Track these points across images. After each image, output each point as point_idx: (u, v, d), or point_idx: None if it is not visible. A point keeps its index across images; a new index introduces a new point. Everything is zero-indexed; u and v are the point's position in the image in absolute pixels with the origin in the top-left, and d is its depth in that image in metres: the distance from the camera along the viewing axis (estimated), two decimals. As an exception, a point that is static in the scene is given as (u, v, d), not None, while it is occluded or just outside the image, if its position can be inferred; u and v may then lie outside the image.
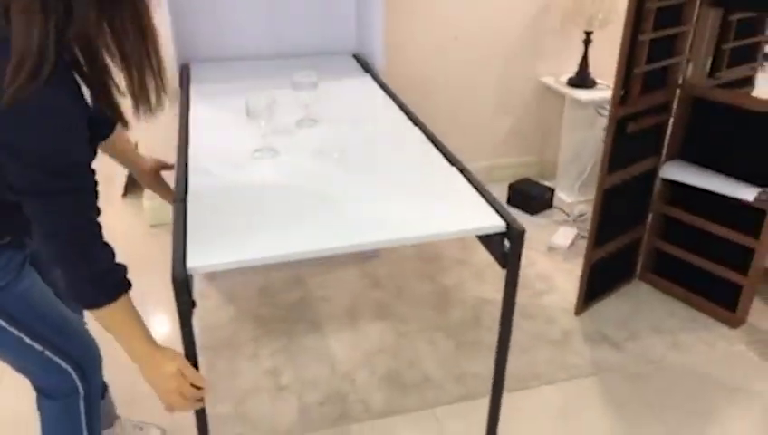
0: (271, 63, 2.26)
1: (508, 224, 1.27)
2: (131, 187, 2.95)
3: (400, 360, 2.01)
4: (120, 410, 1.70)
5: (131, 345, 1.14)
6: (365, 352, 2.04)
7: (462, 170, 1.47)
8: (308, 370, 1.96)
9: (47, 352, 1.25)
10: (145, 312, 2.39)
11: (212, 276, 2.37)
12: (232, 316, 2.20)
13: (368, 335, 2.12)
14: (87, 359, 1.34)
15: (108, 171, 1.35)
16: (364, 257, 2.52)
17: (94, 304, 1.08)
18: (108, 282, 1.09)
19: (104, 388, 1.56)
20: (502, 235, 1.28)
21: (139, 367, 1.16)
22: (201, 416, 1.27)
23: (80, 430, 1.36)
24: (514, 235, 1.25)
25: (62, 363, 1.28)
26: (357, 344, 2.08)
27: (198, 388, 1.17)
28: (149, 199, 2.72)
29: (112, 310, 1.09)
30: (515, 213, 2.82)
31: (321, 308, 2.25)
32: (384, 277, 2.42)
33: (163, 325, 2.19)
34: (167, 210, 2.68)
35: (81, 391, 1.33)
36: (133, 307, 1.14)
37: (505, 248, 1.28)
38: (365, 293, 2.33)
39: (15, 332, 1.20)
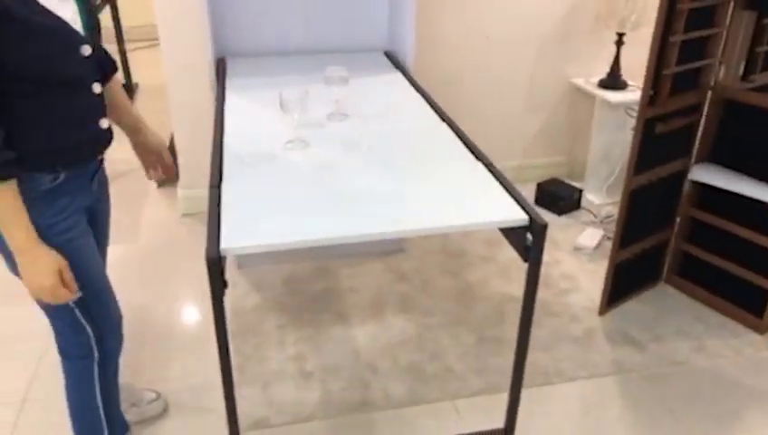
0: (304, 59, 2.32)
1: (531, 218, 1.29)
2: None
3: (423, 352, 2.05)
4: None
5: (12, 234, 1.16)
6: (388, 343, 2.08)
7: (487, 166, 1.50)
8: (332, 358, 2.01)
9: (77, 311, 1.34)
10: (175, 294, 2.48)
11: (240, 265, 2.44)
12: (259, 304, 2.26)
13: (391, 327, 2.16)
14: (108, 326, 1.43)
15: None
16: (390, 251, 2.56)
17: None
18: None
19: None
20: (525, 228, 1.31)
21: (19, 258, 1.19)
22: (230, 400, 1.31)
23: (93, 393, 1.45)
24: (537, 228, 1.28)
25: (86, 326, 1.37)
26: (380, 335, 2.12)
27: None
28: (184, 189, 2.80)
29: None
30: (543, 213, 2.82)
31: (347, 299, 2.30)
32: (409, 271, 2.46)
33: (193, 309, 2.26)
34: (199, 200, 2.78)
35: (95, 354, 1.41)
36: (19, 199, 1.15)
37: (528, 242, 1.31)
38: (390, 286, 2.37)
39: None
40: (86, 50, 1.22)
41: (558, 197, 2.87)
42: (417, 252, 2.58)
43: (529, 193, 2.93)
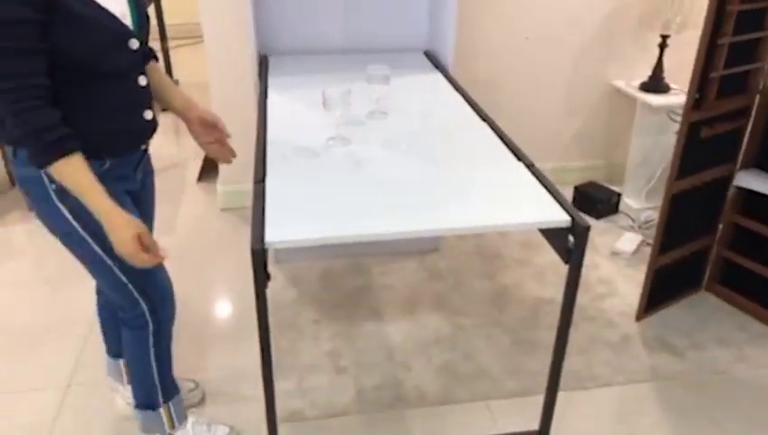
0: (345, 58, 2.34)
1: (573, 219, 1.29)
2: (206, 173, 3.10)
3: (457, 352, 2.05)
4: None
5: (95, 201, 1.23)
6: (422, 342, 2.08)
7: (528, 166, 1.50)
8: (366, 354, 2.03)
9: (130, 286, 1.42)
10: (213, 287, 2.53)
11: (278, 260, 2.47)
12: (295, 298, 2.29)
13: (425, 326, 2.16)
14: (159, 297, 1.50)
15: (183, 156, 1.45)
16: (424, 250, 2.56)
17: (39, 162, 1.18)
18: (47, 141, 1.16)
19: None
20: (566, 230, 1.30)
21: (104, 224, 1.24)
22: (269, 391, 1.33)
23: (149, 359, 1.54)
24: (579, 230, 1.27)
25: (140, 300, 1.46)
26: (414, 334, 2.12)
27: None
28: (222, 184, 2.85)
29: (60, 167, 1.18)
30: (579, 216, 2.79)
31: (381, 296, 2.31)
32: (444, 271, 2.46)
33: (230, 301, 2.30)
34: (237, 195, 2.83)
35: (150, 325, 1.50)
36: (85, 170, 1.21)
37: (569, 244, 1.30)
38: (424, 284, 2.38)
39: (109, 261, 1.37)
40: (134, 43, 1.28)
41: (596, 200, 2.84)
42: (452, 252, 2.58)
43: (566, 196, 2.90)
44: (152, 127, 1.41)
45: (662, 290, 2.21)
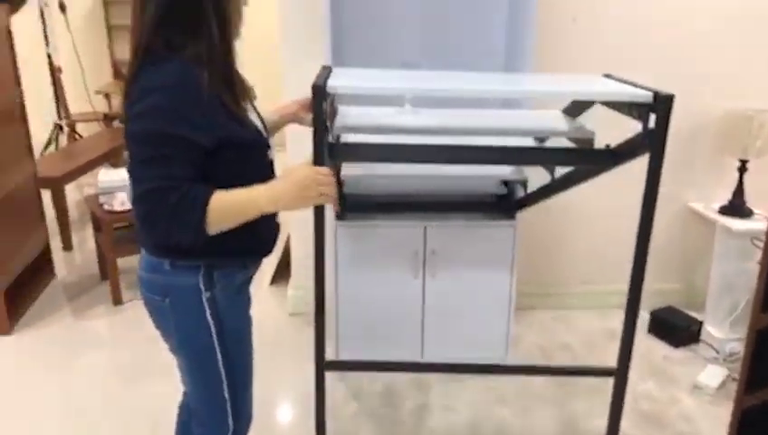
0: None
1: (656, 94, 1.33)
2: (279, 276, 3.19)
3: (520, 485, 1.92)
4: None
5: (260, 203, 1.19)
6: (484, 471, 1.97)
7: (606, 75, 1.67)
8: (424, 480, 1.94)
9: (228, 405, 1.37)
10: (276, 391, 2.50)
11: (341, 376, 2.44)
12: (355, 412, 2.24)
13: (488, 453, 2.06)
14: (245, 423, 1.46)
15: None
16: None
17: (197, 229, 1.15)
18: (187, 205, 1.14)
19: None
20: (648, 107, 1.34)
21: (282, 205, 1.21)
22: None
23: None
24: (662, 102, 1.29)
25: (230, 420, 1.40)
26: (476, 461, 2.02)
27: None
28: (293, 289, 2.92)
29: (214, 210, 1.15)
30: (657, 344, 2.63)
31: (442, 418, 2.23)
32: (510, 394, 2.36)
33: (292, 409, 2.28)
34: (306, 300, 2.87)
35: None
36: (231, 192, 1.18)
37: (649, 126, 1.34)
38: (488, 408, 2.28)
39: (224, 376, 1.34)
40: (271, 154, 1.34)
41: (674, 327, 2.69)
42: (519, 377, 2.47)
43: (641, 321, 2.76)
44: (279, 228, 1.41)
45: (753, 434, 2.01)
